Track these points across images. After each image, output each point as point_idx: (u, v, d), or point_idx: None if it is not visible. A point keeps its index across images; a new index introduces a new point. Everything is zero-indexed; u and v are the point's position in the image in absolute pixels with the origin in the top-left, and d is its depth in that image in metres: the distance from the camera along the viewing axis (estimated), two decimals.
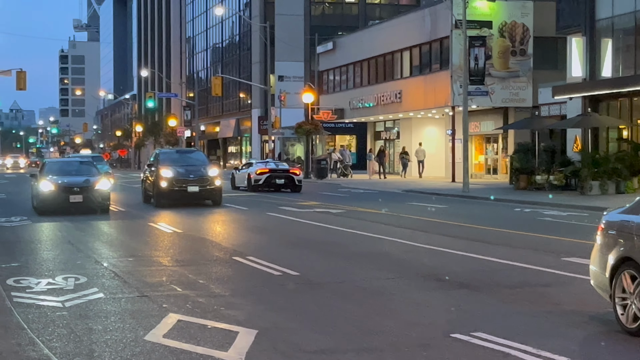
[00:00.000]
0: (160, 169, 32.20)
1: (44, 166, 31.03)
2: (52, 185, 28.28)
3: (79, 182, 28.55)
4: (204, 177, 32.31)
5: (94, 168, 30.95)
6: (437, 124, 61.13)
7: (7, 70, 56.34)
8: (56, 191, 28.16)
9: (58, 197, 28.09)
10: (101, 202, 28.49)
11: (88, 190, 28.30)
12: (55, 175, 29.16)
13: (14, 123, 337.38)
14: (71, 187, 28.22)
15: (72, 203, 28.08)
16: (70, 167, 31.17)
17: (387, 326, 10.73)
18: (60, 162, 33.20)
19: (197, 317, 11.28)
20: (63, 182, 28.45)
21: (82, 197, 28.09)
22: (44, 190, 28.25)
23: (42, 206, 28.46)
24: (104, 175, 30.47)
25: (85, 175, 29.45)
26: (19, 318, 11.33)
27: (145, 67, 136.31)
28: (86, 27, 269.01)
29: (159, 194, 32.10)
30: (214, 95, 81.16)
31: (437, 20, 54.01)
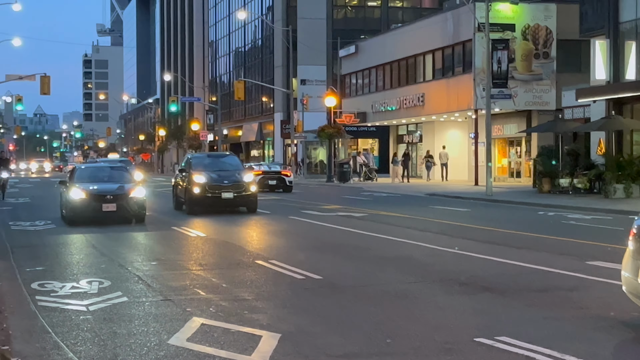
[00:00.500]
0: (192, 175, 30.83)
1: (74, 172, 28.78)
2: (83, 192, 26.06)
3: (112, 190, 26.48)
4: (238, 182, 30.86)
5: (127, 174, 28.96)
6: (460, 127, 61.00)
7: (31, 75, 56.63)
8: (87, 199, 25.97)
9: (89, 205, 25.95)
10: (137, 211, 26.41)
11: (122, 198, 26.17)
12: (87, 182, 27.10)
13: (38, 127, 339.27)
14: (104, 195, 26.08)
15: (105, 212, 25.94)
16: (102, 173, 29.02)
17: (411, 330, 10.70)
18: (92, 168, 31.04)
19: (221, 321, 11.29)
20: (95, 190, 26.32)
21: (115, 206, 25.95)
22: (75, 199, 26.04)
23: (72, 215, 26.29)
24: (139, 182, 28.31)
25: (118, 181, 27.51)
26: (44, 322, 11.38)
27: (168, 71, 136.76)
28: (109, 31, 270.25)
29: (191, 201, 30.69)
30: (237, 99, 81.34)
31: (459, 23, 53.91)
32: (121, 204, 26.01)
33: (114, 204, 25.94)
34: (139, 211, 26.50)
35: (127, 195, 26.31)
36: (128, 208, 26.16)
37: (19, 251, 19.72)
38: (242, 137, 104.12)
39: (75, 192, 26.16)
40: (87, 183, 26.86)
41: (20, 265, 17.19)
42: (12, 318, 11.67)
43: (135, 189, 26.62)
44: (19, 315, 11.94)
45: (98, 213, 25.95)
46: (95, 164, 35.34)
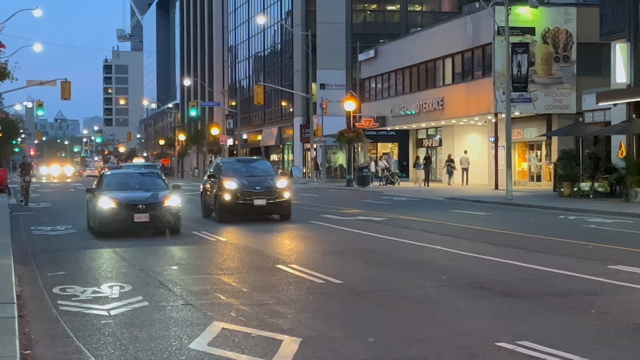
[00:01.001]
0: (223, 181, 29.26)
1: (102, 179, 26.35)
2: (113, 202, 23.87)
3: (145, 199, 24.39)
4: (271, 189, 29.19)
5: (160, 180, 26.76)
6: (480, 131, 60.87)
7: (52, 80, 56.89)
8: (118, 209, 23.77)
9: (120, 216, 23.74)
10: (171, 222, 24.28)
11: (156, 207, 24.05)
12: (116, 190, 25.07)
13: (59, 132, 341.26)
14: (136, 205, 23.92)
15: (137, 223, 23.76)
16: (133, 179, 26.85)
17: (432, 335, 10.69)
18: (121, 174, 28.29)
19: (241, 326, 11.32)
20: (126, 199, 24.19)
21: (148, 217, 23.83)
22: (104, 208, 23.85)
23: (100, 227, 24.08)
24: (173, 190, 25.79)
25: (151, 189, 25.45)
26: (65, 326, 11.44)
27: (188, 76, 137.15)
28: (129, 37, 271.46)
29: (222, 208, 28.98)
30: (256, 104, 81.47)
31: (479, 27, 53.82)
32: (155, 215, 23.92)
33: (147, 215, 23.82)
34: (174, 222, 24.40)
35: (161, 204, 24.24)
36: (162, 218, 24.11)
37: (40, 256, 19.84)
38: (262, 142, 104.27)
39: (104, 201, 23.97)
40: (116, 191, 24.84)
41: (41, 269, 17.29)
42: (34, 322, 11.75)
43: (169, 198, 24.54)
44: (41, 319, 12.01)
45: (129, 224, 23.83)
46: (126, 170, 32.53)
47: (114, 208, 23.94)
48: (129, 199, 24.33)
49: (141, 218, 23.86)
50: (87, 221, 26.51)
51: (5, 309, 11.60)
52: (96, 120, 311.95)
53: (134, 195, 24.72)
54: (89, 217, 26.29)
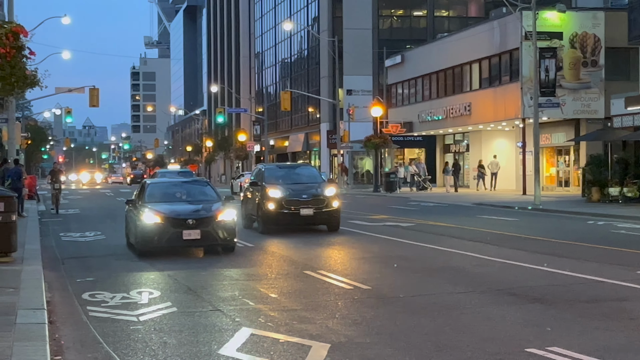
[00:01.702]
0: (266, 189, 27.23)
1: (144, 189, 23.02)
2: (158, 216, 20.59)
3: (195, 212, 21.10)
4: (318, 197, 27.06)
5: (210, 190, 23.49)
6: (507, 136, 60.66)
7: (80, 88, 57.20)
8: (164, 225, 20.47)
9: (166, 233, 20.41)
10: (225, 239, 20.93)
11: (208, 222, 20.72)
12: (161, 201, 21.87)
13: (87, 139, 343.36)
14: (184, 220, 20.53)
15: (187, 241, 20.46)
16: (180, 189, 23.48)
17: (461, 341, 10.65)
18: (166, 184, 24.68)
19: (270, 331, 11.33)
20: (173, 212, 20.89)
21: (199, 233, 20.46)
22: (147, 224, 20.58)
23: (143, 245, 20.77)
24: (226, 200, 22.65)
25: (201, 200, 22.29)
26: (95, 332, 11.49)
27: (215, 82, 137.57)
28: (157, 44, 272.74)
29: (266, 218, 26.93)
30: (283, 110, 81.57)
31: (506, 32, 53.67)
32: (207, 231, 20.59)
33: (198, 231, 20.48)
34: (229, 238, 21.10)
35: (214, 218, 20.89)
36: (215, 235, 20.77)
37: (69, 262, 19.95)
38: (289, 148, 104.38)
39: (148, 215, 20.69)
40: (161, 203, 21.62)
41: (71, 275, 17.39)
42: (64, 328, 11.82)
43: (223, 211, 21.20)
44: (71, 325, 12.07)
45: (177, 242, 20.56)
46: (170, 179, 29.11)
47: (159, 224, 20.58)
48: (176, 212, 20.96)
49: (191, 235, 20.49)
50: (126, 237, 23.40)
51: (35, 315, 11.68)
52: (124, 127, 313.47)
53: (182, 208, 21.40)
54: (128, 233, 23.12)
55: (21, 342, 9.99)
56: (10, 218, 17.98)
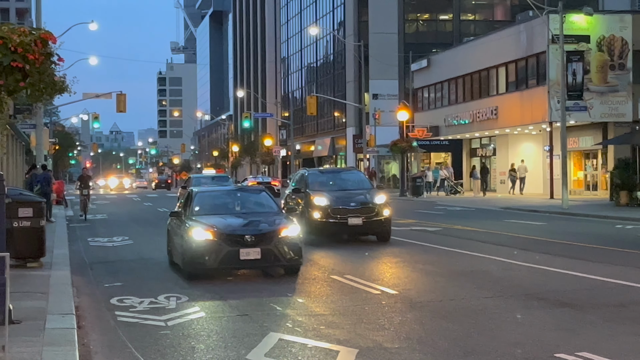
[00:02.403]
0: (311, 196, 25.41)
1: (190, 199, 19.67)
2: (210, 232, 17.30)
3: (254, 227, 17.82)
4: (368, 205, 25.08)
5: (268, 199, 20.09)
6: (534, 140, 60.41)
7: (107, 93, 57.54)
8: (217, 242, 17.18)
9: (220, 252, 17.12)
10: (290, 259, 17.55)
11: (269, 239, 17.36)
12: (212, 213, 18.69)
13: (114, 145, 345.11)
14: (241, 236, 17.27)
15: (244, 261, 17.20)
16: (233, 199, 20.24)
17: (490, 346, 10.62)
18: (217, 193, 21.29)
19: (298, 336, 11.34)
20: (228, 228, 17.56)
21: (259, 252, 17.14)
22: (197, 241, 17.26)
23: (192, 266, 17.37)
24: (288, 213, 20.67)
25: (259, 213, 19.16)
26: (124, 337, 11.54)
27: (241, 87, 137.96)
28: (183, 49, 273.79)
29: (311, 228, 24.85)
30: (309, 115, 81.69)
31: (533, 35, 53.46)
32: (268, 250, 17.27)
33: (257, 249, 17.18)
34: (295, 259, 17.66)
35: (277, 234, 17.59)
36: (278, 254, 17.40)
37: (97, 267, 20.05)
38: (315, 152, 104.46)
39: (198, 231, 17.41)
40: (213, 216, 18.41)
41: (99, 280, 17.48)
42: (92, 333, 11.88)
43: (287, 226, 17.92)
44: (100, 330, 12.14)
45: (233, 263, 17.30)
46: (223, 187, 25.93)
47: (210, 241, 17.25)
48: (231, 227, 17.67)
49: (250, 254, 17.16)
50: (168, 255, 20.35)
51: (64, 320, 11.75)
52: (150, 132, 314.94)
53: (238, 223, 18.16)
54: (172, 250, 19.93)
55: (50, 347, 10.06)
56: (38, 223, 18.10)
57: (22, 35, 11.00)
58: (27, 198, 18.86)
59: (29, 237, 17.85)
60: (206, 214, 18.73)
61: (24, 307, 12.60)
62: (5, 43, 10.82)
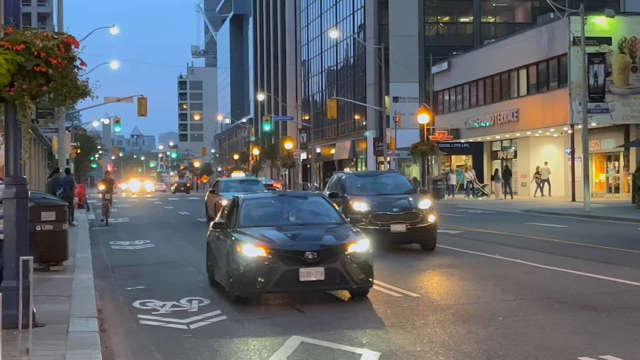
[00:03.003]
0: (349, 201, 23.62)
1: (236, 207, 16.40)
2: (263, 248, 14.29)
3: (316, 242, 14.68)
4: (411, 210, 23.22)
5: (329, 207, 16.92)
6: (556, 143, 60.19)
7: (128, 97, 57.68)
8: (271, 260, 14.11)
9: (276, 271, 14.05)
10: (362, 280, 14.40)
11: (335, 256, 14.31)
12: (263, 224, 15.70)
13: (135, 148, 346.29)
14: (301, 252, 14.18)
15: (305, 283, 14.10)
16: (287, 207, 16.95)
17: (512, 349, 10.58)
18: (269, 200, 17.69)
19: (320, 339, 11.32)
20: (284, 242, 14.55)
21: (323, 272, 14.10)
22: (247, 258, 14.23)
23: (241, 288, 14.32)
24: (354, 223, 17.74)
25: (319, 224, 16.11)
26: (146, 340, 11.57)
27: (261, 91, 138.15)
28: (204, 53, 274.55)
29: None
30: (330, 118, 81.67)
31: (554, 37, 53.29)
32: (333, 269, 14.19)
33: (321, 269, 14.09)
34: (365, 280, 14.48)
35: (343, 250, 14.46)
36: (345, 275, 14.24)
37: (119, 270, 20.12)
38: (335, 155, 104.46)
39: (248, 246, 14.42)
40: (265, 228, 15.36)
41: (121, 284, 17.53)
42: (115, 336, 11.92)
43: (356, 240, 14.75)
44: (123, 333, 12.17)
45: (291, 285, 14.20)
46: (273, 193, 21.92)
47: (263, 258, 14.20)
48: (288, 242, 14.62)
49: (311, 275, 14.09)
50: (208, 272, 17.25)
51: (87, 323, 11.79)
52: (171, 136, 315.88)
53: (296, 236, 15.08)
54: (212, 267, 16.80)
55: (74, 351, 10.09)
56: (61, 227, 18.18)
57: (45, 39, 11.05)
58: (50, 202, 18.95)
59: (51, 240, 17.94)
60: (256, 225, 15.66)
61: (47, 310, 12.66)
62: (28, 47, 10.88)
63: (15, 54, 10.79)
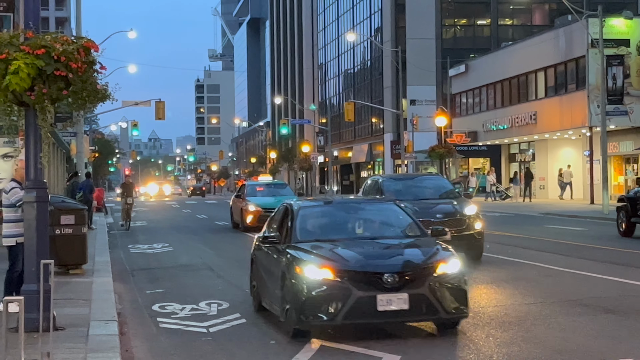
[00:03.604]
0: None
1: (291, 216, 13.54)
2: (329, 268, 11.57)
3: (396, 260, 12.02)
4: (456, 216, 20.98)
5: (405, 217, 14.00)
6: (574, 145, 60.00)
7: (146, 101, 57.83)
8: (340, 284, 11.39)
9: (347, 298, 11.30)
10: (452, 310, 11.63)
11: (421, 279, 11.56)
12: (325, 239, 12.89)
13: (153, 152, 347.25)
14: (378, 275, 11.42)
15: (384, 313, 11.35)
16: (353, 217, 14.01)
17: (533, 353, 10.53)
18: (331, 209, 14.58)
19: (340, 343, 11.29)
20: (357, 262, 11.73)
21: (407, 299, 11.34)
22: (309, 281, 11.50)
23: (303, 319, 11.51)
24: None
25: (395, 240, 13.15)
26: (166, 344, 11.58)
27: (278, 94, 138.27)
28: (221, 56, 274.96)
29: None
30: (347, 121, 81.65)
31: (572, 39, 53.13)
32: (419, 295, 11.44)
33: (404, 295, 11.33)
34: (459, 310, 11.71)
35: (431, 272, 11.68)
36: (434, 302, 11.48)
37: (138, 274, 20.15)
38: (352, 159, 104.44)
39: (311, 269, 11.59)
40: (328, 244, 12.55)
41: (140, 287, 17.56)
42: (135, 340, 11.93)
43: (446, 259, 11.95)
44: (142, 337, 12.19)
45: (366, 316, 11.40)
46: (336, 200, 17.08)
47: (331, 282, 11.41)
48: (361, 261, 11.76)
49: (392, 303, 11.29)
50: (255, 297, 14.45)
51: (107, 327, 11.82)
52: (189, 139, 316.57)
53: (371, 253, 12.21)
54: (259, 289, 14.17)
55: (94, 354, 10.12)
56: (80, 230, 18.25)
57: (65, 44, 11.09)
58: (69, 205, 19.02)
59: (71, 244, 18.00)
60: (317, 239, 12.79)
61: (67, 313, 12.70)
62: (48, 52, 10.92)
63: (36, 58, 10.83)
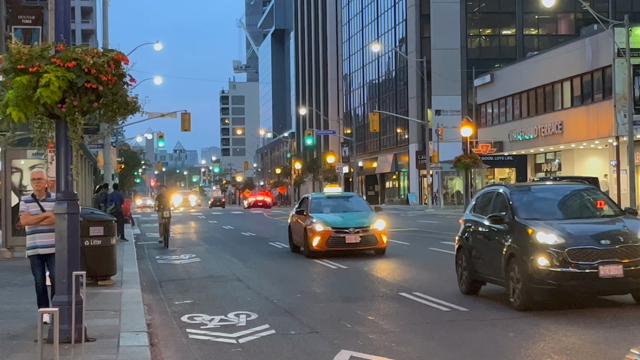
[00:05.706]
0: (529, 230, 14.68)
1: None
2: None
3: None
4: (629, 243, 14.29)
5: None
6: (600, 155, 59.72)
7: (172, 112, 58.09)
8: None
9: None
10: None
11: None
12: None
13: (178, 163, 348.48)
14: None
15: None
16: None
17: None
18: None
19: (369, 354, 11.28)
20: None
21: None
22: None
23: None
24: None
25: None
26: (197, 355, 11.60)
27: (303, 105, 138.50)
28: (245, 67, 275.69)
29: (533, 282, 14.33)
30: (372, 131, 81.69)
31: (598, 49, 52.93)
32: None
33: None
34: None
35: None
36: None
37: (167, 284, 20.19)
38: (377, 169, 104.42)
39: None
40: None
41: (169, 298, 17.60)
42: (165, 351, 11.96)
43: None
44: (172, 348, 12.20)
45: None
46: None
47: None
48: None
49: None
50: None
51: (138, 338, 11.85)
52: (213, 151, 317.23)
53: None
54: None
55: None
56: (109, 242, 18.32)
57: (95, 56, 11.16)
58: (98, 217, 19.09)
59: (100, 255, 18.06)
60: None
61: (98, 325, 12.75)
62: (79, 64, 10.99)
63: (67, 71, 10.90)
